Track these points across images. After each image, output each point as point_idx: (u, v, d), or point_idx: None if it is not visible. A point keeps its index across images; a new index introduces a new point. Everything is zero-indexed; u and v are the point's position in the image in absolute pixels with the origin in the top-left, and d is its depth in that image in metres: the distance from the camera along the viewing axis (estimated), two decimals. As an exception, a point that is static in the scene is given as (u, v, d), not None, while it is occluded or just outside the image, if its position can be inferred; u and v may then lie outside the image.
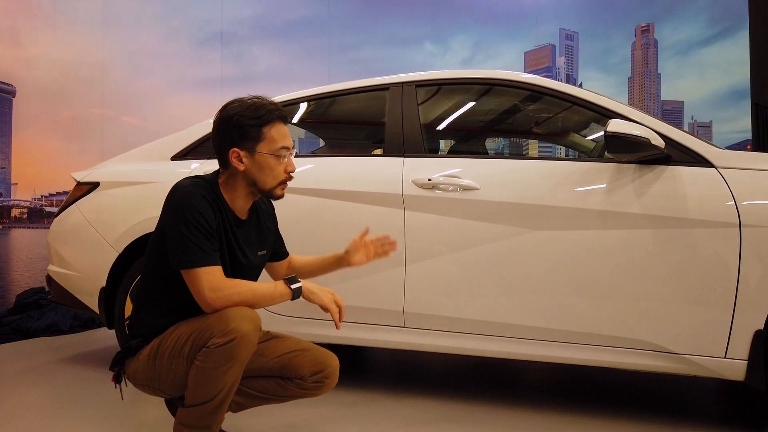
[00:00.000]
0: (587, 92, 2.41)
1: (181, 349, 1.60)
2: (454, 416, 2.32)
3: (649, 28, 6.62)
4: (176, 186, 1.65)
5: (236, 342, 1.54)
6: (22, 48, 4.53)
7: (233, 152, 1.67)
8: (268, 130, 1.69)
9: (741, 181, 2.05)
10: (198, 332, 1.58)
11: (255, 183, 1.72)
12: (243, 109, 1.68)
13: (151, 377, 1.67)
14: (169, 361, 1.62)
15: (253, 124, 1.67)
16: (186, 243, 1.56)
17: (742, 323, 2.00)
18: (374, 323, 2.47)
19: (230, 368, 1.56)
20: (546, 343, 2.25)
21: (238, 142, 1.67)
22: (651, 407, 2.49)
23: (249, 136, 1.67)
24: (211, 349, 1.53)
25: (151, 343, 1.68)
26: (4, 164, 4.36)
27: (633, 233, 2.13)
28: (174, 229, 1.58)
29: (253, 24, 6.35)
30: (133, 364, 1.70)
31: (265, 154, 1.69)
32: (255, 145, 1.68)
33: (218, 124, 1.70)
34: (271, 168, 1.71)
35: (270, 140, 1.69)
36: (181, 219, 1.57)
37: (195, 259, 1.56)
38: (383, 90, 2.73)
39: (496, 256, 2.29)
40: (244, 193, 1.74)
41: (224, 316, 1.56)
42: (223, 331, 1.53)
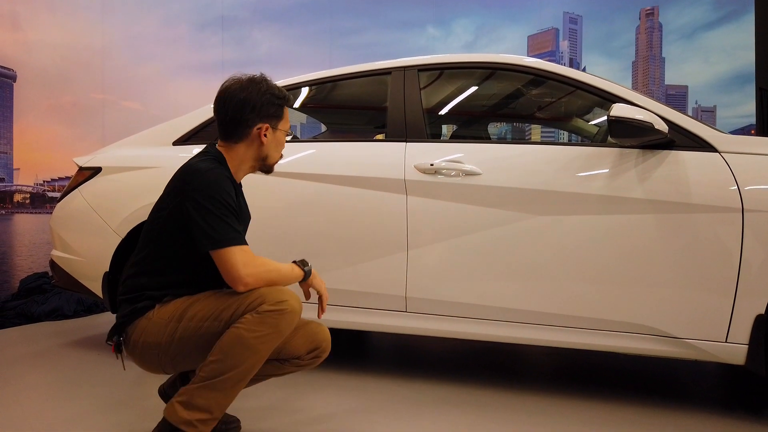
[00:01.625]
0: (590, 76, 2.39)
1: (219, 313, 1.63)
2: (455, 400, 2.33)
3: (654, 12, 6.57)
4: (197, 168, 1.69)
5: (288, 312, 1.62)
6: (22, 32, 4.50)
7: (263, 127, 1.80)
8: (286, 112, 1.89)
9: (744, 166, 2.04)
10: (243, 300, 1.62)
11: (266, 158, 1.86)
12: (270, 88, 1.81)
13: (165, 341, 1.66)
14: (199, 324, 1.65)
15: (280, 104, 1.83)
16: (219, 224, 1.63)
17: (743, 308, 2.00)
18: (376, 308, 2.48)
19: (269, 338, 1.61)
20: (547, 327, 2.26)
21: (266, 118, 1.81)
22: (652, 391, 2.50)
23: (275, 113, 1.83)
24: (260, 314, 1.59)
25: (170, 305, 1.70)
26: (6, 149, 4.36)
27: (635, 218, 2.12)
28: (204, 211, 1.63)
29: (254, 8, 6.30)
30: (140, 325, 1.69)
31: (281, 131, 1.87)
32: (278, 122, 1.85)
33: (245, 100, 1.77)
34: (282, 144, 1.90)
35: (285, 120, 1.89)
36: (212, 201, 1.64)
37: (230, 238, 1.63)
38: (385, 74, 2.72)
39: (498, 241, 2.29)
40: (249, 166, 1.87)
41: (276, 289, 1.66)
42: (276, 300, 1.61)
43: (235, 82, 1.81)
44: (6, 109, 4.38)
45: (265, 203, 2.63)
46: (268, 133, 1.82)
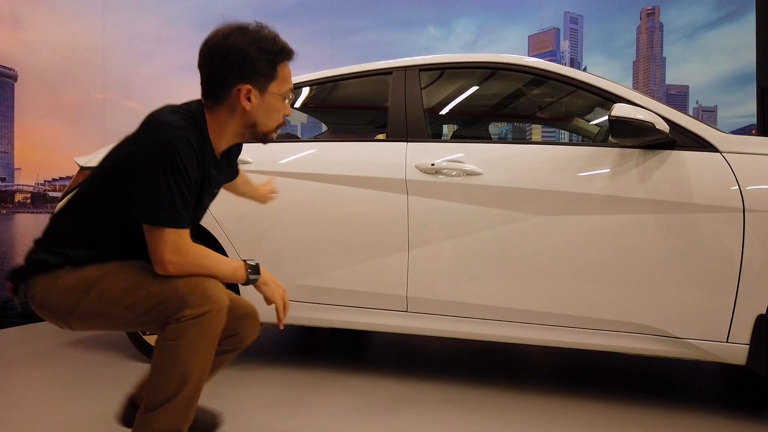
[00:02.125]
0: (591, 76, 2.39)
1: (134, 302, 1.43)
2: (455, 399, 2.33)
3: (655, 12, 6.55)
4: (161, 120, 1.41)
5: (211, 316, 1.41)
6: (23, 32, 4.51)
7: (244, 89, 1.47)
8: (281, 69, 1.52)
9: (745, 166, 2.04)
10: (163, 295, 1.41)
11: (255, 125, 1.55)
12: (255, 40, 1.46)
13: (67, 309, 1.46)
14: (107, 305, 1.44)
15: (269, 59, 1.47)
16: (161, 198, 1.37)
17: (744, 308, 2.00)
18: (377, 308, 2.48)
19: (205, 342, 1.42)
20: (548, 327, 2.26)
21: (250, 78, 1.47)
22: (652, 391, 2.50)
23: (262, 73, 1.48)
24: (184, 323, 1.38)
25: (81, 271, 1.47)
26: (7, 149, 4.36)
27: (636, 218, 2.12)
28: (149, 176, 1.37)
29: (254, 7, 6.30)
30: (45, 284, 1.47)
31: (275, 94, 1.53)
32: (268, 83, 1.50)
33: (223, 53, 1.44)
34: (277, 110, 1.56)
35: (282, 80, 1.53)
36: (161, 168, 1.36)
37: (166, 218, 1.39)
38: (386, 74, 2.72)
39: (499, 240, 2.29)
40: (234, 134, 1.57)
41: (200, 286, 1.42)
42: (199, 302, 1.40)
43: (220, 31, 1.47)
44: (7, 108, 4.38)
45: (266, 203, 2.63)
46: (252, 96, 1.49)
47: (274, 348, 3.24)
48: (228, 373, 2.64)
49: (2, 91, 4.31)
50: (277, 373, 2.67)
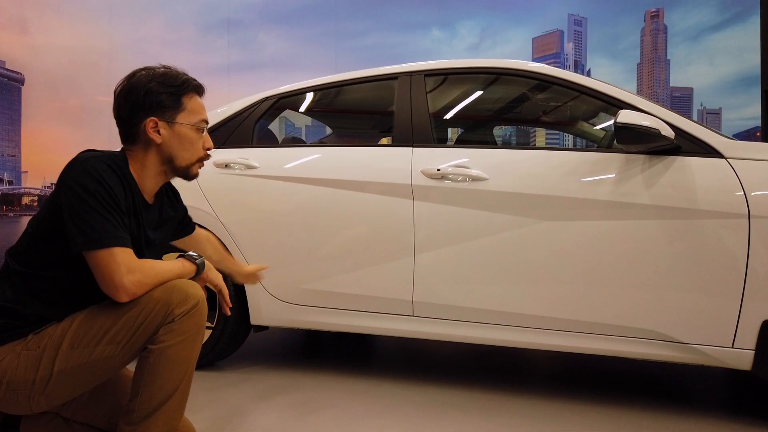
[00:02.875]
0: (596, 82, 2.40)
1: (114, 335, 1.39)
2: (461, 403, 2.34)
3: (659, 14, 6.55)
4: (77, 159, 1.42)
5: (201, 305, 1.44)
6: (30, 36, 4.54)
7: (150, 122, 1.50)
8: (188, 101, 1.55)
9: (751, 172, 2.05)
10: (142, 313, 1.39)
11: (172, 159, 1.56)
12: (157, 76, 1.52)
13: (41, 377, 1.39)
14: (86, 350, 1.39)
15: (171, 92, 1.52)
16: (96, 220, 1.36)
17: (749, 313, 2.01)
18: (383, 312, 2.50)
19: (197, 339, 1.44)
20: (554, 332, 2.27)
21: (155, 111, 1.50)
22: (658, 396, 2.51)
23: (166, 104, 1.51)
24: (177, 321, 1.39)
25: (42, 333, 1.42)
26: (14, 152, 4.40)
27: (642, 224, 2.13)
28: (79, 205, 1.35)
29: (260, 10, 6.33)
30: (3, 362, 1.39)
31: (185, 125, 1.54)
32: (174, 114, 1.53)
33: (128, 92, 1.50)
34: (192, 142, 1.56)
35: (190, 111, 1.55)
36: (88, 194, 1.36)
37: (109, 238, 1.36)
38: (392, 79, 2.73)
39: (504, 246, 2.30)
40: (156, 171, 1.57)
41: (174, 287, 1.43)
42: (181, 300, 1.40)
43: (128, 75, 1.53)
44: (14, 112, 4.41)
45: (272, 207, 2.65)
46: (161, 128, 1.51)
47: (279, 351, 3.25)
48: (233, 377, 2.65)
49: (9, 95, 4.35)
50: (282, 376, 2.69)
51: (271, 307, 2.64)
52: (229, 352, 2.80)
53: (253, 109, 2.89)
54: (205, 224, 2.69)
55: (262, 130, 3.02)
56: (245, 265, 2.10)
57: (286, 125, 5.44)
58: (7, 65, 4.38)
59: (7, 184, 4.35)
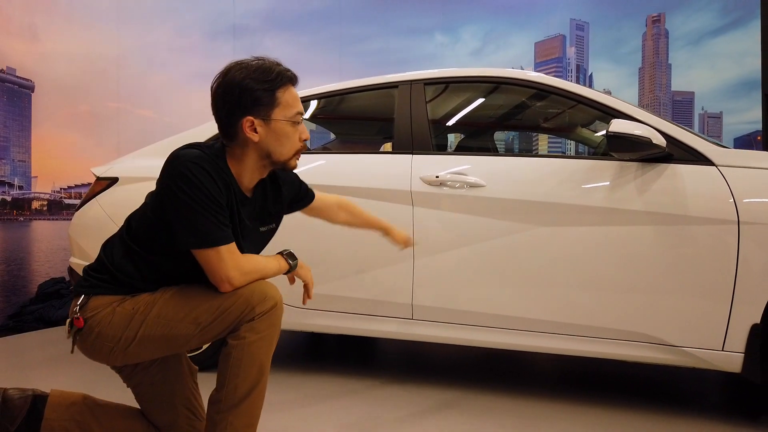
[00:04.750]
0: (591, 91, 2.46)
1: (197, 316, 1.49)
2: (459, 404, 2.41)
3: (660, 18, 6.58)
4: (177, 155, 1.46)
5: (278, 307, 1.53)
6: (40, 43, 4.63)
7: (247, 121, 1.51)
8: (282, 94, 1.53)
9: (740, 179, 2.10)
10: (224, 304, 1.48)
11: (270, 155, 1.57)
12: (251, 72, 1.49)
13: (125, 337, 1.50)
14: (169, 323, 1.49)
15: (266, 88, 1.50)
16: (200, 221, 1.43)
17: (739, 317, 2.06)
18: (383, 315, 2.56)
19: (274, 338, 1.52)
20: (550, 335, 2.33)
21: (251, 110, 1.50)
22: (651, 397, 2.56)
23: (262, 101, 1.51)
24: (257, 320, 1.47)
25: (136, 299, 1.54)
26: (25, 158, 4.48)
27: (635, 229, 2.19)
28: (180, 206, 1.43)
29: (265, 16, 6.40)
30: (102, 312, 1.52)
31: (281, 121, 1.54)
32: (270, 111, 1.52)
33: (224, 91, 1.50)
34: (288, 136, 1.56)
35: (285, 105, 1.54)
36: (187, 196, 1.42)
37: (217, 238, 1.45)
38: (392, 87, 2.80)
39: (501, 251, 2.37)
40: (254, 167, 1.59)
41: (255, 287, 1.51)
42: (261, 299, 1.49)
43: (221, 71, 1.53)
44: (24, 118, 4.50)
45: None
46: (258, 127, 1.52)
47: (282, 353, 3.32)
48: (239, 378, 2.72)
49: (20, 102, 4.44)
50: (285, 378, 2.76)
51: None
52: (234, 354, 2.87)
53: (258, 116, 2.96)
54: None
55: (267, 137, 3.09)
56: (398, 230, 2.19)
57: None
58: (17, 73, 4.47)
59: (18, 188, 4.44)
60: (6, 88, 4.30)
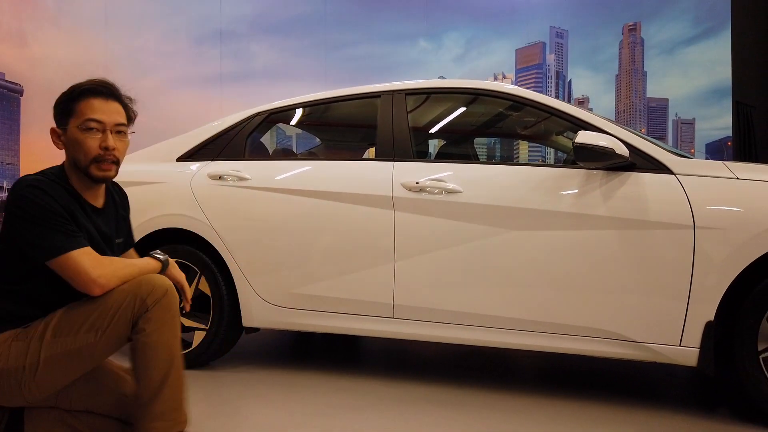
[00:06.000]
0: (562, 103, 2.62)
1: (93, 322, 1.52)
2: (438, 398, 2.54)
3: (636, 27, 6.80)
4: (17, 182, 1.56)
5: (170, 293, 1.56)
6: (28, 48, 4.70)
7: (52, 131, 1.64)
8: (79, 105, 1.60)
9: (697, 187, 2.26)
10: (116, 303, 1.52)
11: (76, 163, 1.62)
12: (66, 90, 1.63)
13: (29, 364, 1.51)
14: (69, 338, 1.51)
15: (69, 99, 1.61)
16: (47, 232, 1.50)
17: (695, 315, 2.22)
18: (366, 314, 2.69)
19: (174, 324, 1.56)
20: (522, 332, 2.47)
21: (57, 122, 1.63)
22: (616, 390, 2.72)
23: (64, 112, 1.61)
24: (151, 310, 1.51)
25: (27, 329, 1.56)
26: (14, 161, 4.56)
27: (600, 233, 2.34)
28: (27, 222, 1.50)
29: (251, 21, 6.51)
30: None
31: (73, 129, 1.60)
32: (67, 121, 1.61)
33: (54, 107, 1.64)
34: (80, 143, 1.59)
35: (79, 113, 1.59)
36: (31, 210, 1.50)
37: (64, 245, 1.51)
38: (375, 97, 2.93)
39: (477, 253, 2.51)
40: (77, 176, 1.65)
41: (142, 279, 1.56)
42: (150, 290, 1.53)
43: None
44: (13, 122, 4.57)
45: (263, 217, 2.84)
46: (61, 137, 1.63)
47: (269, 352, 3.44)
48: (225, 375, 2.84)
49: (9, 106, 4.51)
50: (272, 375, 2.87)
51: (262, 309, 2.83)
52: (223, 353, 2.98)
53: (245, 123, 3.08)
54: (199, 232, 2.88)
55: (254, 144, 3.21)
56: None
57: (277, 133, 5.63)
58: (6, 77, 4.54)
59: (6, 191, 4.51)
60: (-5, 92, 4.37)
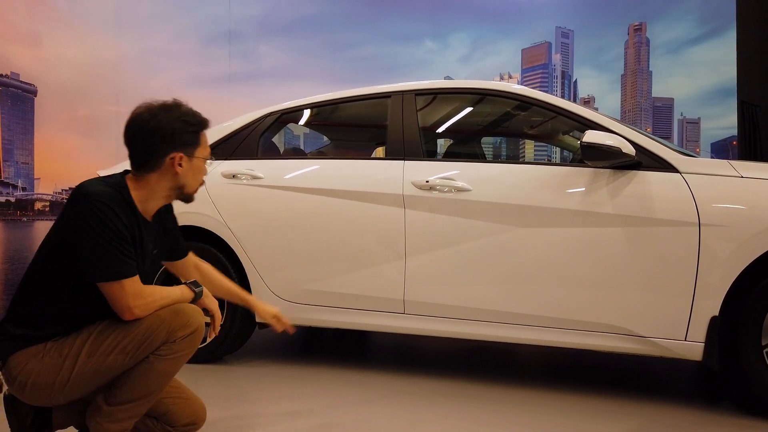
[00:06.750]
0: (569, 103, 2.67)
1: (125, 346, 1.61)
2: (448, 392, 2.60)
3: (642, 27, 6.84)
4: (84, 191, 1.58)
5: (198, 331, 1.69)
6: (42, 49, 4.78)
7: (176, 157, 1.69)
8: (202, 137, 1.76)
9: (702, 186, 2.31)
10: (147, 331, 1.62)
11: (183, 186, 1.75)
12: (180, 115, 1.70)
13: (61, 380, 1.61)
14: (101, 359, 1.61)
15: (192, 130, 1.72)
16: (108, 255, 1.56)
17: (700, 310, 2.27)
18: (377, 310, 2.75)
19: (185, 359, 1.69)
20: (530, 327, 2.53)
21: (180, 147, 1.69)
22: (622, 384, 2.77)
23: (188, 141, 1.70)
24: (178, 342, 1.64)
25: (62, 343, 1.64)
26: (28, 160, 4.63)
27: (607, 231, 2.40)
28: (90, 240, 1.55)
29: (259, 22, 6.58)
30: (28, 365, 1.61)
31: (200, 159, 1.76)
32: (194, 150, 1.73)
33: (153, 130, 1.66)
34: (201, 172, 1.79)
35: (203, 146, 1.76)
36: (98, 230, 1.55)
37: (120, 272, 1.58)
38: (385, 98, 2.99)
39: (486, 250, 2.56)
40: (163, 195, 1.75)
41: (179, 311, 1.67)
42: (183, 323, 1.65)
43: (145, 110, 1.69)
44: (27, 122, 4.64)
45: (276, 214, 2.90)
46: (183, 162, 1.70)
47: (281, 347, 3.50)
48: (239, 369, 2.90)
49: (23, 106, 4.58)
50: (285, 369, 2.93)
51: (275, 305, 2.88)
52: (236, 348, 3.05)
53: (258, 123, 3.15)
54: (214, 230, 2.95)
55: (266, 143, 3.27)
56: (263, 304, 2.19)
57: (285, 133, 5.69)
58: (21, 77, 4.61)
59: (21, 190, 4.58)
60: (10, 92, 4.45)
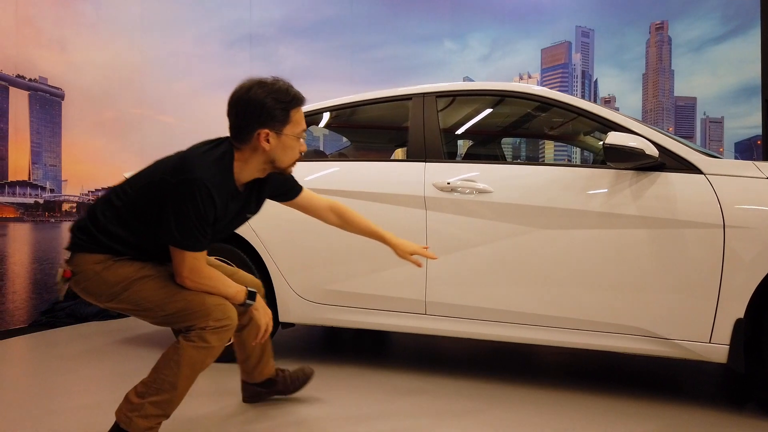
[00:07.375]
0: (591, 104, 2.66)
1: (165, 304, 1.77)
2: (466, 392, 2.62)
3: (663, 26, 6.76)
4: (192, 175, 1.67)
5: (230, 329, 1.80)
6: (68, 53, 4.87)
7: (262, 133, 1.77)
8: (294, 114, 1.82)
9: (726, 187, 2.30)
10: (190, 303, 1.76)
11: (274, 161, 1.84)
12: (272, 91, 1.76)
13: (105, 298, 1.80)
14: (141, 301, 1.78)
15: (282, 107, 1.78)
16: (187, 230, 1.69)
17: (724, 312, 2.26)
18: (399, 311, 2.78)
19: (214, 353, 1.79)
20: (552, 329, 2.53)
21: (267, 123, 1.77)
22: (644, 386, 2.76)
23: (278, 118, 1.78)
24: (207, 331, 1.75)
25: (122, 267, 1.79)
26: (55, 162, 4.73)
27: (630, 233, 2.39)
28: (179, 213, 1.68)
29: (280, 25, 6.63)
30: (88, 271, 1.78)
31: (290, 136, 1.83)
32: (282, 127, 1.80)
33: (246, 104, 1.76)
34: (292, 149, 1.85)
35: (295, 123, 1.83)
36: (191, 210, 1.68)
37: (189, 245, 1.73)
38: (406, 100, 3.01)
39: (507, 252, 2.57)
40: (257, 168, 1.86)
41: (221, 304, 1.80)
42: (220, 316, 1.77)
43: (243, 85, 1.79)
44: (55, 125, 4.74)
45: (299, 216, 2.93)
46: (270, 138, 1.79)
47: (301, 347, 3.54)
48: (265, 369, 2.94)
49: (51, 109, 4.69)
50: (308, 368, 2.97)
51: (298, 306, 2.93)
52: (259, 347, 3.09)
53: (281, 126, 3.18)
54: (239, 231, 2.99)
55: (288, 145, 3.31)
56: (402, 242, 2.29)
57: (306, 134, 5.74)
58: (48, 82, 4.72)
59: (49, 191, 4.68)
60: (38, 96, 4.55)
